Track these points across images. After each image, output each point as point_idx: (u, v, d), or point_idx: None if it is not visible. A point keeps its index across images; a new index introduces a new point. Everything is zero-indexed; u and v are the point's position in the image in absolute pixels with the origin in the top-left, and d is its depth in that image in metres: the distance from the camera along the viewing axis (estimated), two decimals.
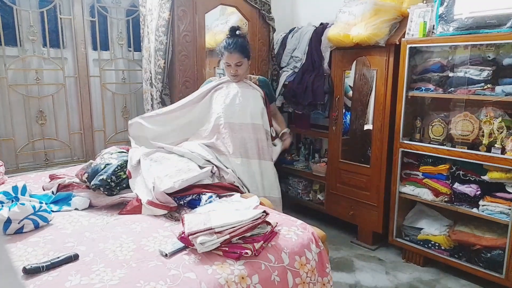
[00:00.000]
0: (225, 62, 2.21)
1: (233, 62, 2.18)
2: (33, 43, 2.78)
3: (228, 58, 2.18)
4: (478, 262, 2.28)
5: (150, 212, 1.79)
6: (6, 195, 1.75)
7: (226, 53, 2.18)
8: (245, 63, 2.22)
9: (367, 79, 3.11)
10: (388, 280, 2.42)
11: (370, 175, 2.78)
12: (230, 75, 2.24)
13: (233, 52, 2.16)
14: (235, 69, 2.19)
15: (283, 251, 1.45)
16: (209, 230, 1.37)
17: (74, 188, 1.99)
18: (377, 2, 2.60)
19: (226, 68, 2.24)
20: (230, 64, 2.19)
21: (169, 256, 1.38)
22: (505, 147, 2.11)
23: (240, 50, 2.16)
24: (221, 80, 2.32)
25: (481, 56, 2.23)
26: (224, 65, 2.24)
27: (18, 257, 1.38)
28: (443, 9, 2.28)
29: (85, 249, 1.43)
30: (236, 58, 2.17)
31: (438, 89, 2.39)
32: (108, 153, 2.10)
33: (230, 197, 1.89)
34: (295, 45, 3.22)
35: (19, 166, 2.81)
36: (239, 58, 2.17)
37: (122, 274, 1.26)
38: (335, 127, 2.97)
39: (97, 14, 3.00)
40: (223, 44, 2.20)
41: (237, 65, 2.19)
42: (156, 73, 2.71)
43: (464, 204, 2.33)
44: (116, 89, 3.23)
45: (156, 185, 1.81)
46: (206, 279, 1.24)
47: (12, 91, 2.72)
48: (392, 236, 2.68)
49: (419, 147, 2.45)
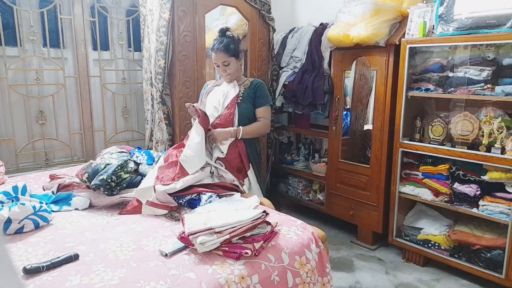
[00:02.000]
0: (214, 63, 2.25)
1: (219, 61, 2.20)
2: (33, 43, 2.78)
3: (215, 59, 2.21)
4: (478, 262, 2.29)
5: (150, 212, 1.79)
6: (6, 195, 1.76)
7: (212, 53, 2.21)
8: (233, 62, 2.22)
9: (367, 79, 3.11)
10: (388, 280, 2.43)
11: (370, 175, 2.78)
12: (222, 75, 2.28)
13: (218, 52, 2.18)
14: (224, 69, 2.22)
15: (283, 251, 1.45)
16: (209, 230, 1.37)
17: (74, 188, 2.00)
18: (377, 2, 2.60)
19: (217, 69, 2.29)
20: (218, 64, 2.21)
21: (169, 256, 1.38)
22: (504, 147, 2.11)
23: (224, 49, 2.17)
24: (216, 82, 2.40)
25: (481, 56, 2.23)
26: (215, 66, 2.27)
27: (18, 257, 1.38)
28: (443, 9, 2.28)
29: (85, 249, 1.43)
30: (222, 57, 2.18)
31: (438, 89, 2.39)
32: (108, 153, 2.10)
33: (230, 197, 1.89)
34: (295, 45, 3.22)
35: (19, 166, 2.81)
36: (225, 57, 2.18)
37: (122, 274, 1.26)
38: (335, 127, 2.97)
39: (97, 14, 3.01)
40: (211, 45, 2.24)
41: (224, 65, 2.20)
42: (157, 73, 2.71)
43: (464, 204, 2.33)
44: (116, 89, 3.24)
45: (156, 185, 1.82)
46: (206, 279, 1.25)
47: (12, 91, 2.72)
48: (392, 236, 2.68)
49: (419, 147, 2.45)
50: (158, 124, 2.87)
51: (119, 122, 3.27)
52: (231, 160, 2.16)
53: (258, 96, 2.26)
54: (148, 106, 3.01)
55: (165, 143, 2.82)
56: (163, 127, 2.80)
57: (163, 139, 2.83)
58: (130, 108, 3.32)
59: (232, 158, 2.16)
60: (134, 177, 2.02)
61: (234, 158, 2.17)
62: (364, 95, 3.15)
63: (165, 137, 2.81)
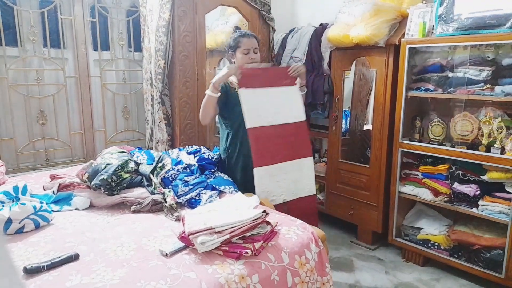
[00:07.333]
0: (244, 49, 2.14)
1: (252, 47, 2.16)
2: (34, 44, 2.78)
3: (247, 44, 2.14)
4: (477, 261, 2.29)
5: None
6: (7, 195, 1.76)
7: (244, 39, 2.15)
8: (258, 51, 2.22)
9: (367, 79, 3.12)
10: (388, 279, 2.43)
11: (370, 175, 2.78)
12: (247, 63, 2.15)
13: (251, 37, 2.17)
14: (253, 56, 2.16)
15: (283, 251, 1.46)
16: (209, 229, 1.37)
17: (74, 188, 2.00)
18: (377, 3, 2.60)
19: (243, 57, 2.15)
20: (250, 49, 2.15)
21: (169, 256, 1.38)
22: (504, 147, 2.11)
23: (255, 36, 2.19)
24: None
25: (480, 56, 2.24)
26: (241, 54, 2.15)
27: (19, 256, 1.38)
28: (442, 9, 2.28)
29: (85, 248, 1.43)
30: (255, 43, 2.18)
31: (438, 89, 2.40)
32: (109, 153, 2.10)
33: (231, 197, 1.89)
34: (295, 46, 3.23)
35: (20, 166, 2.81)
36: (256, 44, 2.19)
37: (123, 274, 1.26)
38: (334, 127, 2.97)
39: (97, 15, 3.01)
40: (236, 34, 2.20)
41: (254, 52, 2.17)
42: (157, 73, 2.72)
43: (463, 204, 2.33)
44: (117, 89, 3.24)
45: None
46: (206, 279, 1.25)
47: (12, 91, 2.73)
48: (392, 236, 2.68)
49: (418, 147, 2.45)
50: (158, 124, 2.87)
51: (120, 122, 3.28)
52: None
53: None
54: (148, 106, 3.01)
55: (165, 143, 2.82)
56: (163, 127, 2.81)
57: (164, 139, 2.84)
58: (130, 108, 3.32)
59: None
60: (134, 177, 2.02)
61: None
62: (364, 95, 3.15)
63: (165, 137, 2.81)
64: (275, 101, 2.09)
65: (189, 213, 1.58)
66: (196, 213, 1.58)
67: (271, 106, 2.07)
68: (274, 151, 2.05)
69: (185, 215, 1.53)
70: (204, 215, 1.49)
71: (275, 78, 2.13)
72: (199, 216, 1.49)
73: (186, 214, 1.54)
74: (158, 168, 2.09)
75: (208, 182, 2.00)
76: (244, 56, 2.16)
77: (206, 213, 1.52)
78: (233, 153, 2.21)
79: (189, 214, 1.55)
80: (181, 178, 1.98)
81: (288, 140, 2.10)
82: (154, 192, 1.93)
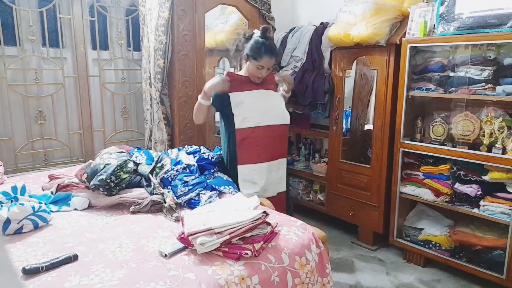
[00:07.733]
0: (260, 65, 2.10)
1: (268, 66, 2.13)
2: (33, 43, 2.77)
3: (267, 63, 2.10)
4: (479, 262, 2.28)
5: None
6: (5, 195, 1.75)
7: (266, 57, 2.08)
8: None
9: (368, 79, 3.11)
10: (389, 280, 2.42)
11: (371, 175, 2.77)
12: (256, 77, 2.16)
13: (273, 57, 2.12)
14: (264, 74, 2.15)
15: (283, 252, 1.45)
16: (209, 230, 1.36)
17: (73, 188, 1.98)
18: (378, 2, 2.59)
19: (255, 70, 2.12)
20: (264, 67, 2.12)
21: (168, 257, 1.37)
22: (506, 147, 2.10)
23: (276, 55, 2.17)
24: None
25: (482, 55, 2.23)
26: (254, 67, 2.12)
27: (17, 257, 1.37)
28: (443, 8, 2.27)
29: (84, 249, 1.42)
30: (272, 63, 2.15)
31: (439, 89, 2.39)
32: (108, 153, 2.09)
33: (230, 197, 1.88)
34: (295, 45, 3.21)
35: (18, 166, 2.80)
36: (273, 64, 2.18)
37: (122, 275, 1.25)
38: (335, 127, 2.96)
39: (96, 14, 3.00)
40: (263, 48, 2.08)
41: (268, 69, 2.15)
42: (156, 72, 2.70)
43: (465, 205, 2.32)
44: (116, 88, 3.23)
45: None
46: (206, 280, 1.24)
47: (11, 91, 2.71)
48: (393, 237, 2.67)
49: (419, 147, 2.44)
50: (157, 124, 2.86)
51: (118, 122, 3.26)
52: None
53: None
54: (147, 106, 3.00)
55: (164, 143, 2.81)
56: (162, 127, 2.79)
57: (163, 139, 2.82)
58: (129, 108, 3.31)
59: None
60: (133, 177, 2.01)
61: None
62: (365, 94, 3.14)
63: (164, 137, 2.80)
64: (263, 104, 2.19)
65: (189, 214, 1.57)
66: (196, 213, 1.57)
67: (261, 108, 2.17)
68: (260, 151, 2.17)
69: (184, 215, 1.52)
70: (204, 216, 1.47)
71: (262, 81, 2.23)
72: (198, 217, 1.47)
73: (185, 215, 1.53)
74: (157, 168, 2.08)
75: (208, 182, 1.99)
76: (256, 69, 2.13)
77: (205, 214, 1.51)
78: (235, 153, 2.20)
79: (189, 215, 1.53)
80: (181, 179, 1.97)
81: (273, 140, 2.21)
82: (153, 192, 1.91)
